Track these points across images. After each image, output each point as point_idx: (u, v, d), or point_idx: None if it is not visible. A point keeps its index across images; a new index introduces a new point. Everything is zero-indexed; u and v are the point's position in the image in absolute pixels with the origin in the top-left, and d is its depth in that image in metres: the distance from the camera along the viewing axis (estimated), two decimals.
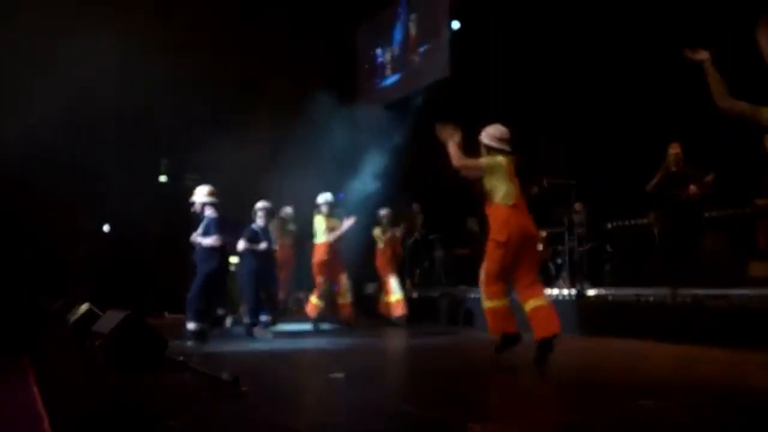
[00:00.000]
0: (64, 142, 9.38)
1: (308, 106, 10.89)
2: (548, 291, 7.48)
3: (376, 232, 8.68)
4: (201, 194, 6.24)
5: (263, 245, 6.99)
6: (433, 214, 10.59)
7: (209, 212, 6.17)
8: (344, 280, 7.95)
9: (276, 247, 8.09)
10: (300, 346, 6.11)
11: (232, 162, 10.55)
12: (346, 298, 7.91)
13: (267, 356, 5.29)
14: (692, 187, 6.43)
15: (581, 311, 6.51)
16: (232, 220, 6.72)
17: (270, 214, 7.45)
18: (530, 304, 4.32)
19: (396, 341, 6.67)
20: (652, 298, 6.01)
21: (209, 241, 6.01)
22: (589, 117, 8.06)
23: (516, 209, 4.54)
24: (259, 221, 7.17)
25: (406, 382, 4.41)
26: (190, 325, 5.82)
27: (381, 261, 8.60)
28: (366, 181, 9.71)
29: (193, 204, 6.27)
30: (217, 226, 6.08)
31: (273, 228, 8.88)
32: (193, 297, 5.89)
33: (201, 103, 10.26)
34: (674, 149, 6.67)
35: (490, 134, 4.76)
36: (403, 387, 4.15)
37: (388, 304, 8.24)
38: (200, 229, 6.13)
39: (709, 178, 6.37)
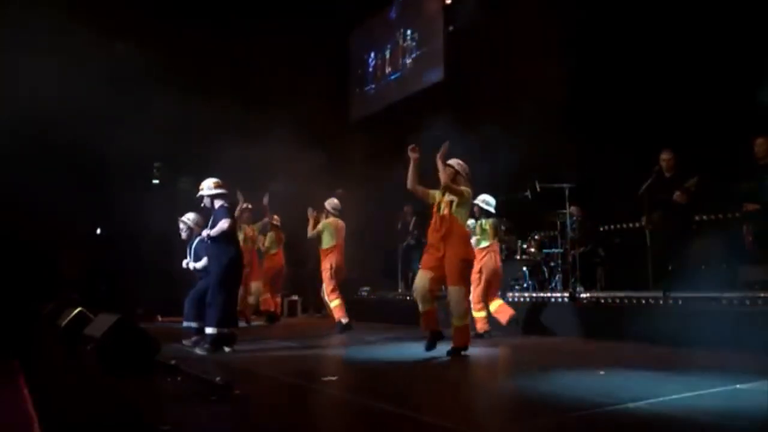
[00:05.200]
0: (56, 144, 9.36)
1: (303, 111, 10.93)
2: (542, 294, 7.55)
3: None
4: (208, 187, 5.79)
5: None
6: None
7: (219, 204, 5.74)
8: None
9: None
10: (293, 349, 6.09)
11: (227, 166, 10.54)
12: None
13: (259, 360, 5.28)
14: (677, 193, 6.51)
15: (574, 314, 6.54)
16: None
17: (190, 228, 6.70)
18: None
19: (389, 344, 6.66)
20: (644, 301, 6.04)
21: (223, 225, 5.55)
22: (583, 120, 8.10)
23: None
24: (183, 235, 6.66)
25: (400, 385, 4.40)
26: (209, 330, 5.48)
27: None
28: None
29: (201, 199, 5.82)
30: (228, 212, 5.70)
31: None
32: (213, 297, 5.48)
33: (195, 107, 10.25)
34: (666, 155, 6.74)
35: (463, 166, 5.25)
36: (397, 390, 4.15)
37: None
38: (210, 223, 5.70)
39: (692, 182, 6.46)
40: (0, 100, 8.36)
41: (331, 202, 8.01)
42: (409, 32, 12.42)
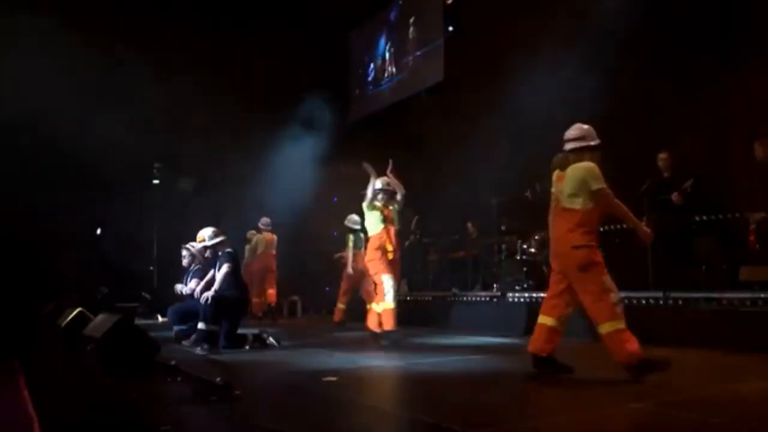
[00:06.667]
0: (56, 145, 9.36)
1: (301, 112, 10.94)
2: (542, 294, 7.53)
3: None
4: (209, 237, 6.11)
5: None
6: (429, 218, 10.60)
7: (222, 251, 6.08)
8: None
9: None
10: (293, 349, 6.09)
11: (225, 166, 10.56)
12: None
13: (259, 360, 5.28)
14: (675, 195, 6.55)
15: (574, 314, 6.51)
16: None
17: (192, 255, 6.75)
18: None
19: (389, 344, 6.66)
20: (644, 301, 6.04)
21: (222, 272, 5.90)
22: (582, 120, 8.08)
23: None
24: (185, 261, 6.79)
25: (399, 385, 4.40)
26: (201, 325, 5.66)
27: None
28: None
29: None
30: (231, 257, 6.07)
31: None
32: (205, 305, 5.69)
33: (195, 108, 10.26)
34: (664, 154, 6.80)
35: None
36: (396, 391, 4.15)
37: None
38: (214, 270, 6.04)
39: (688, 184, 6.50)
40: (0, 101, 8.37)
41: (263, 220, 9.89)
42: (409, 33, 12.41)
